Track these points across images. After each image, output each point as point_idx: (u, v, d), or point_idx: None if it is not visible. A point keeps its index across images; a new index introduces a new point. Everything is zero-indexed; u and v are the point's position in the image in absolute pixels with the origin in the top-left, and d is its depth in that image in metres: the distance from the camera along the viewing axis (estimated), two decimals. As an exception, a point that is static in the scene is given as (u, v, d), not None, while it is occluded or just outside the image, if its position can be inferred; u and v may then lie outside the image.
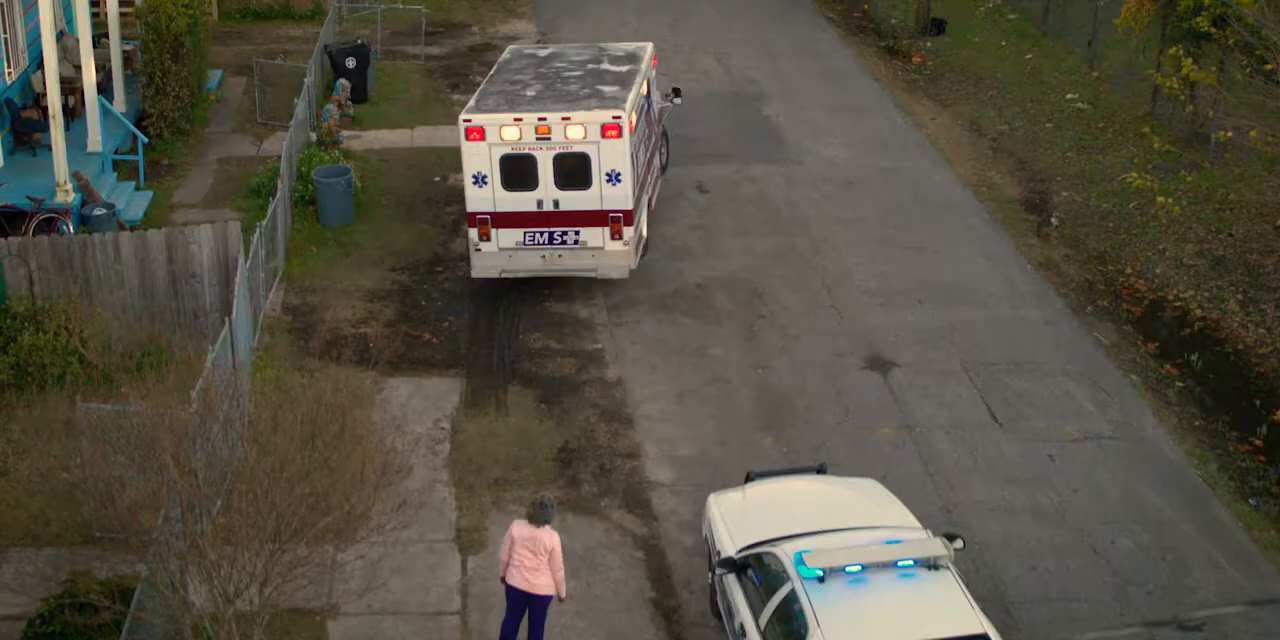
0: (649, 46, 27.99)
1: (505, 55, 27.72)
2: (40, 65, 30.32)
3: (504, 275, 24.50)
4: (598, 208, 23.99)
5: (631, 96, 24.63)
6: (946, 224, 28.07)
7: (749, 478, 18.36)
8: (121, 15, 31.69)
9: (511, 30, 39.39)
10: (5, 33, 29.22)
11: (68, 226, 26.16)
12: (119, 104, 30.97)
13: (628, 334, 23.84)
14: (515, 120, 23.64)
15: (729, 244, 26.89)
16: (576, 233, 24.13)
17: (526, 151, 23.70)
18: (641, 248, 25.38)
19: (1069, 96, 35.24)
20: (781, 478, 18.45)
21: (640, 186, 24.92)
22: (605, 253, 24.24)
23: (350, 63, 32.94)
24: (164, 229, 21.90)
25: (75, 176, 26.86)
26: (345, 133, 31.39)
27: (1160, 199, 25.94)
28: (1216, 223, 28.41)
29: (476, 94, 25.26)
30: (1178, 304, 25.69)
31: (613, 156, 23.64)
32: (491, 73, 26.60)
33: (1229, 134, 25.35)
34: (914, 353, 23.36)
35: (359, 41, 33.58)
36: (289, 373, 22.36)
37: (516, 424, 21.33)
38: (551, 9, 41.03)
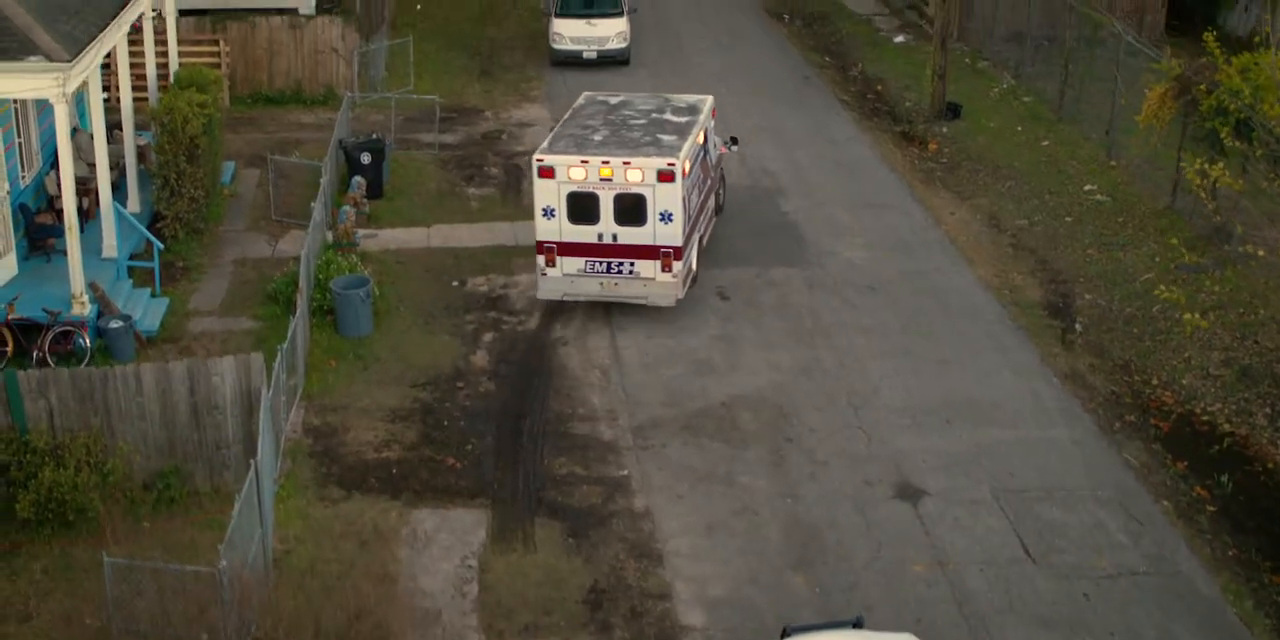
0: (709, 99, 30.68)
1: (579, 101, 30.56)
2: (53, 165, 30.21)
3: (565, 298, 27.76)
4: (651, 243, 26.93)
5: (687, 146, 27.43)
6: (971, 332, 27.82)
7: (785, 633, 18.05)
8: (135, 99, 31.43)
9: (525, 116, 39.21)
10: (20, 136, 29.05)
11: (84, 339, 25.94)
12: (133, 203, 30.77)
13: (654, 459, 23.55)
14: (582, 162, 26.80)
15: (752, 357, 26.62)
16: (631, 264, 27.11)
17: (590, 190, 26.82)
18: (690, 280, 28.22)
19: (1087, 188, 35.08)
20: (818, 633, 18.12)
21: (691, 226, 27.77)
22: (656, 283, 27.23)
23: (365, 158, 32.74)
24: (186, 361, 21.63)
25: (91, 287, 26.64)
26: (361, 232, 31.18)
27: (1187, 316, 25.68)
28: (1241, 329, 28.19)
29: (550, 135, 28.33)
30: (1205, 418, 25.43)
31: (666, 198, 26.61)
32: (566, 116, 29.46)
33: (1261, 253, 25.12)
34: (943, 479, 23.08)
35: (374, 136, 33.39)
36: (312, 504, 22.10)
37: (545, 561, 21.02)
38: (564, 93, 40.82)
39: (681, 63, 43.45)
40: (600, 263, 27.20)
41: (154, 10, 32.27)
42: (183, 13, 41.90)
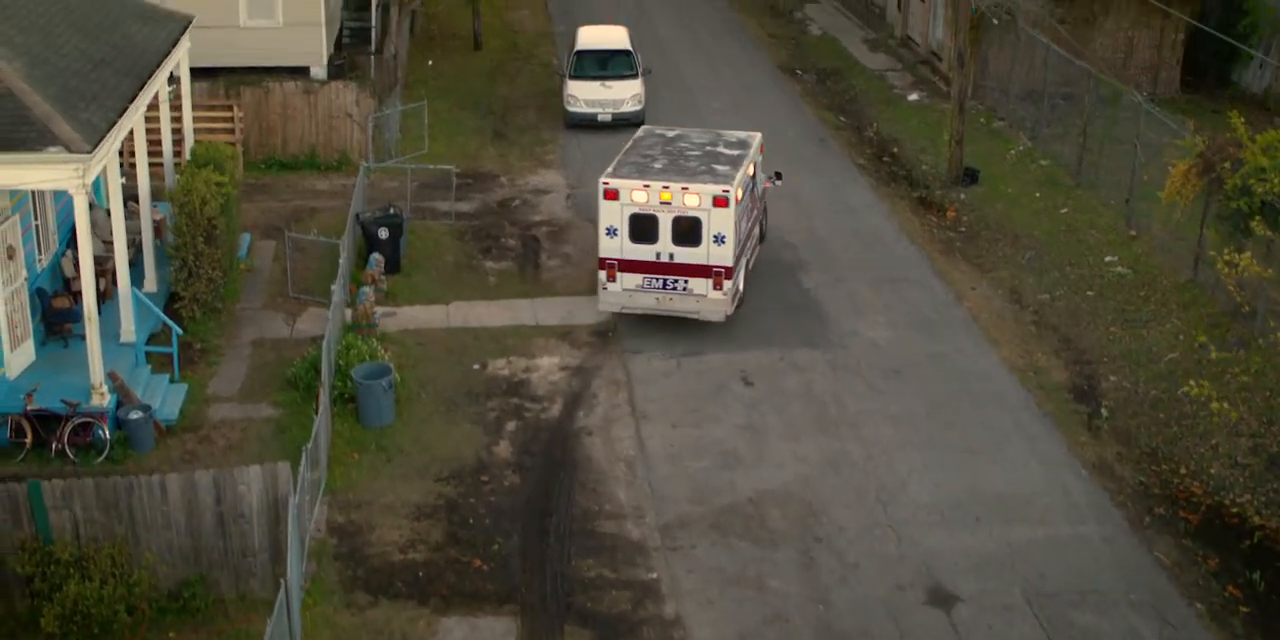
0: (758, 136, 33.02)
1: (639, 133, 32.93)
2: (69, 245, 30.01)
3: (624, 310, 30.19)
4: (705, 262, 29.42)
5: (739, 175, 29.92)
6: (997, 420, 27.58)
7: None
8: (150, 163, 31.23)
9: (541, 182, 39.00)
10: (37, 218, 28.85)
11: (104, 431, 25.69)
12: (150, 283, 30.55)
13: (683, 560, 23.29)
14: (644, 186, 29.29)
15: (779, 448, 26.37)
16: (686, 282, 29.56)
17: (651, 212, 29.34)
18: (737, 300, 30.51)
19: (1108, 259, 34.87)
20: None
21: (741, 249, 30.26)
22: (707, 300, 29.71)
23: (383, 234, 32.54)
24: (212, 471, 21.35)
25: (110, 376, 26.40)
26: (380, 310, 30.94)
27: (1215, 405, 25.44)
28: (1268, 413, 27.95)
29: (615, 163, 30.66)
30: (1234, 510, 25.21)
31: (720, 222, 29.14)
32: (628, 146, 31.84)
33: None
34: (975, 582, 22.83)
35: (391, 210, 33.16)
36: (339, 612, 21.84)
37: (576, 675, 20.73)
38: (579, 158, 40.70)
39: (697, 124, 43.12)
40: (657, 279, 29.62)
41: (170, 77, 32.06)
42: (194, 71, 41.81)
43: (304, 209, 36.58)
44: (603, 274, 29.82)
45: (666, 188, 29.21)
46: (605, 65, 43.42)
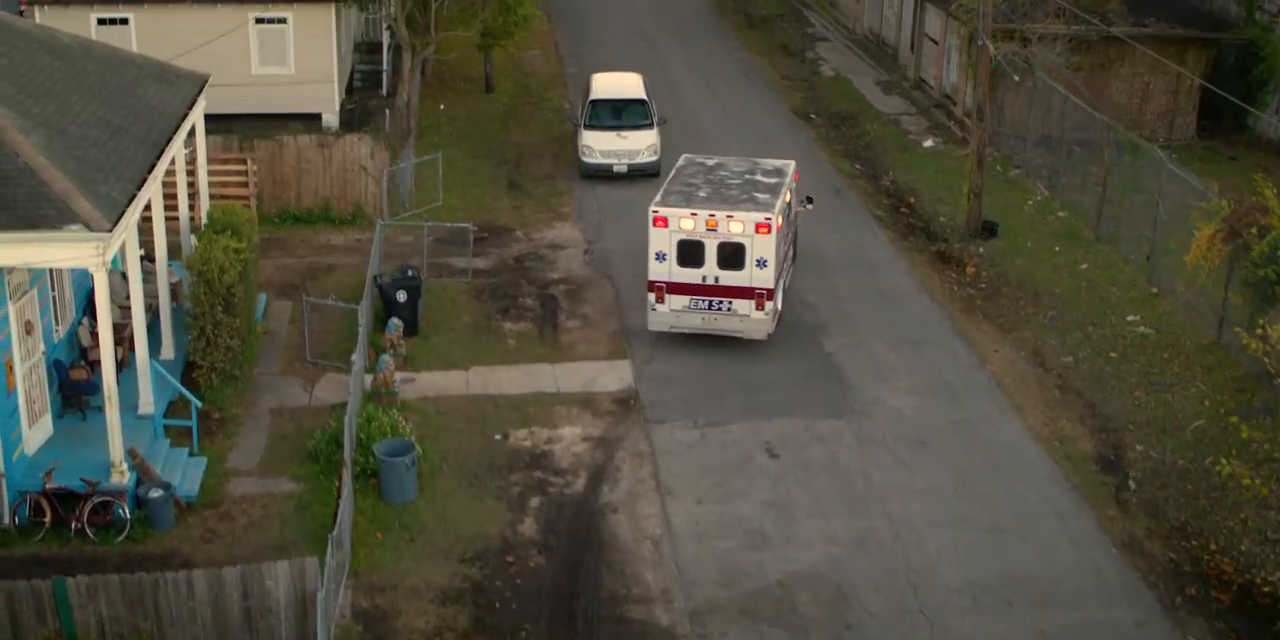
0: (792, 163, 34.91)
1: (680, 162, 34.71)
2: (85, 312, 29.75)
3: (672, 329, 32.01)
4: (748, 285, 31.29)
5: (779, 203, 31.74)
6: (1025, 495, 27.30)
7: None
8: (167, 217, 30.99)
9: (557, 236, 38.72)
10: (54, 289, 28.57)
11: (123, 510, 25.41)
12: (167, 349, 30.30)
13: (712, 650, 22.97)
14: (691, 214, 31.17)
15: (806, 527, 26.08)
16: (730, 303, 31.44)
17: (698, 238, 31.22)
18: (776, 319, 32.11)
19: (1130, 318, 34.62)
20: None
21: (780, 271, 31.93)
22: (750, 319, 31.57)
23: (401, 296, 32.27)
24: (239, 566, 21.06)
25: (130, 453, 26.11)
26: (399, 376, 30.64)
27: (1247, 481, 25.20)
28: (1297, 486, 27.64)
29: (661, 191, 32.49)
30: (1266, 589, 24.95)
31: (762, 247, 30.96)
32: (671, 175, 33.73)
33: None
34: (1010, 673, 22.51)
35: (409, 272, 32.87)
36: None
37: None
38: (595, 210, 40.47)
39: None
40: (703, 301, 31.47)
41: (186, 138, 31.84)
42: (206, 118, 41.58)
43: (319, 266, 36.29)
44: (651, 296, 31.68)
45: (713, 215, 31.07)
46: (620, 114, 43.15)
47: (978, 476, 27.82)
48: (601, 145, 42.15)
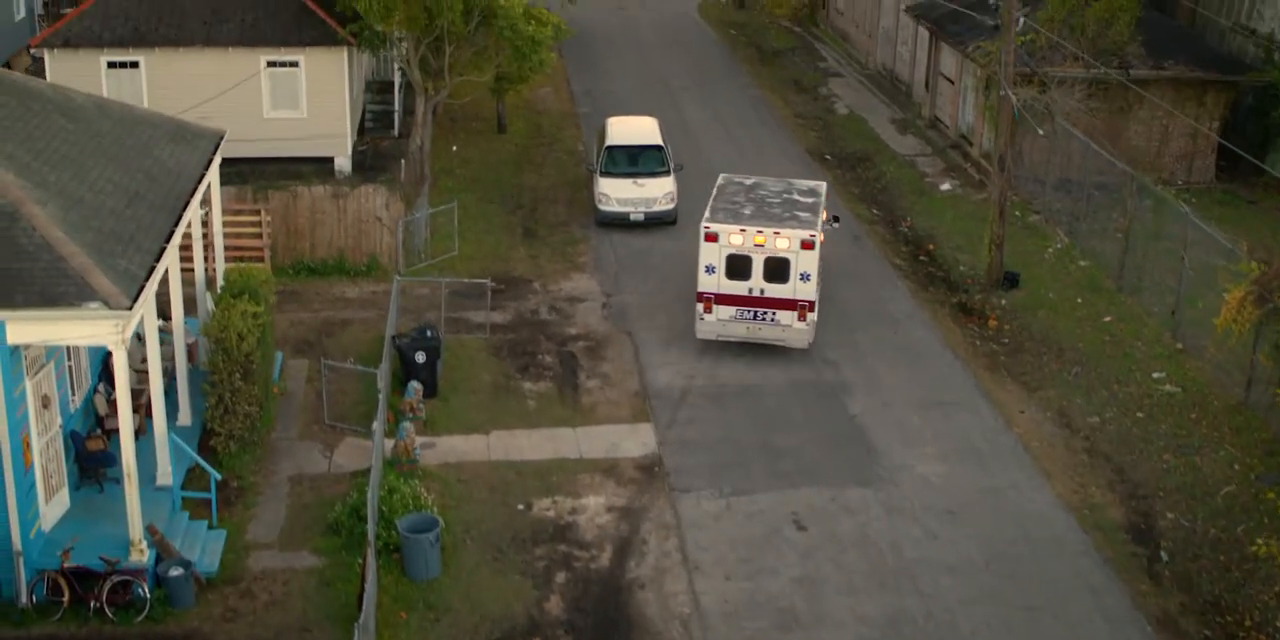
0: (824, 185, 37.31)
1: (720, 181, 36.78)
2: (101, 378, 29.35)
3: (719, 338, 34.04)
4: (792, 297, 33.41)
5: (820, 221, 33.92)
6: (1057, 569, 26.89)
7: None
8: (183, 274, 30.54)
9: (574, 289, 38.29)
10: (70, 359, 28.17)
11: (143, 589, 25.00)
12: (183, 415, 29.91)
13: (745, 741, 22.51)
14: (741, 230, 33.23)
15: (837, 605, 25.64)
16: (774, 314, 33.50)
17: (746, 253, 33.26)
18: (814, 329, 34.13)
19: (1156, 376, 34.21)
20: None
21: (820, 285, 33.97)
22: (792, 329, 33.65)
23: (420, 358, 31.87)
24: (266, 664, 20.59)
25: (149, 529, 25.68)
26: (420, 440, 30.23)
27: (1283, 559, 24.85)
28: (1331, 558, 27.24)
29: (709, 209, 34.39)
30: (1304, 667, 24.49)
31: (806, 262, 33.14)
32: (715, 194, 35.60)
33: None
34: (1050, 766, 22.05)
35: (428, 333, 32.44)
36: None
37: None
38: (611, 261, 40.06)
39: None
40: (749, 311, 33.46)
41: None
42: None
43: (335, 321, 35.88)
44: (700, 306, 33.66)
45: (760, 232, 33.10)
46: (636, 161, 42.75)
47: (1009, 549, 27.39)
48: (618, 193, 41.72)
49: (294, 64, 42.65)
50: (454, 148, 48.46)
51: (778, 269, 33.20)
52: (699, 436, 31.00)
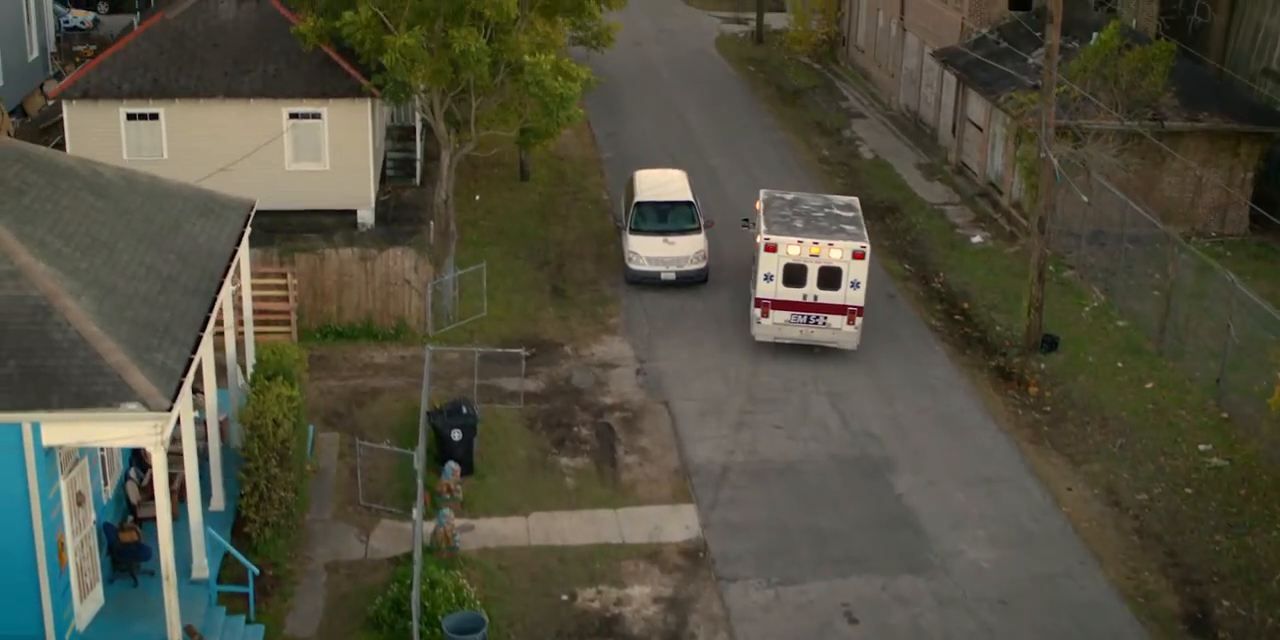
0: (856, 200, 40.33)
1: (763, 196, 39.72)
2: (132, 463, 28.71)
3: (776, 340, 36.92)
4: (842, 303, 36.25)
5: (865, 233, 36.97)
6: (1117, 666, 26.20)
7: None
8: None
9: (607, 353, 37.62)
10: (102, 449, 27.47)
11: (182, 694, 24.27)
12: (216, 500, 29.23)
13: None
14: (798, 242, 36.10)
15: (894, 709, 24.94)
16: (826, 318, 36.40)
17: (802, 262, 36.09)
18: (860, 332, 36.74)
19: (1203, 448, 33.59)
20: None
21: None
22: (842, 332, 36.57)
23: (456, 435, 31.23)
24: None
25: (187, 631, 24.99)
26: (458, 522, 29.57)
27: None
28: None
29: (764, 222, 37.26)
30: None
31: (857, 271, 36.07)
32: (763, 209, 38.40)
33: None
34: None
35: (464, 409, 31.76)
36: None
37: None
38: (643, 322, 39.40)
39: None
40: (803, 316, 36.29)
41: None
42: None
43: (364, 390, 35.21)
44: (758, 311, 36.60)
45: (816, 243, 35.89)
46: (666, 217, 42.08)
47: (1066, 644, 26.74)
48: (649, 251, 41.03)
49: (316, 116, 42.00)
50: (477, 197, 47.82)
51: (831, 277, 35.93)
52: (743, 519, 30.33)
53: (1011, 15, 50.97)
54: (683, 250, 41.08)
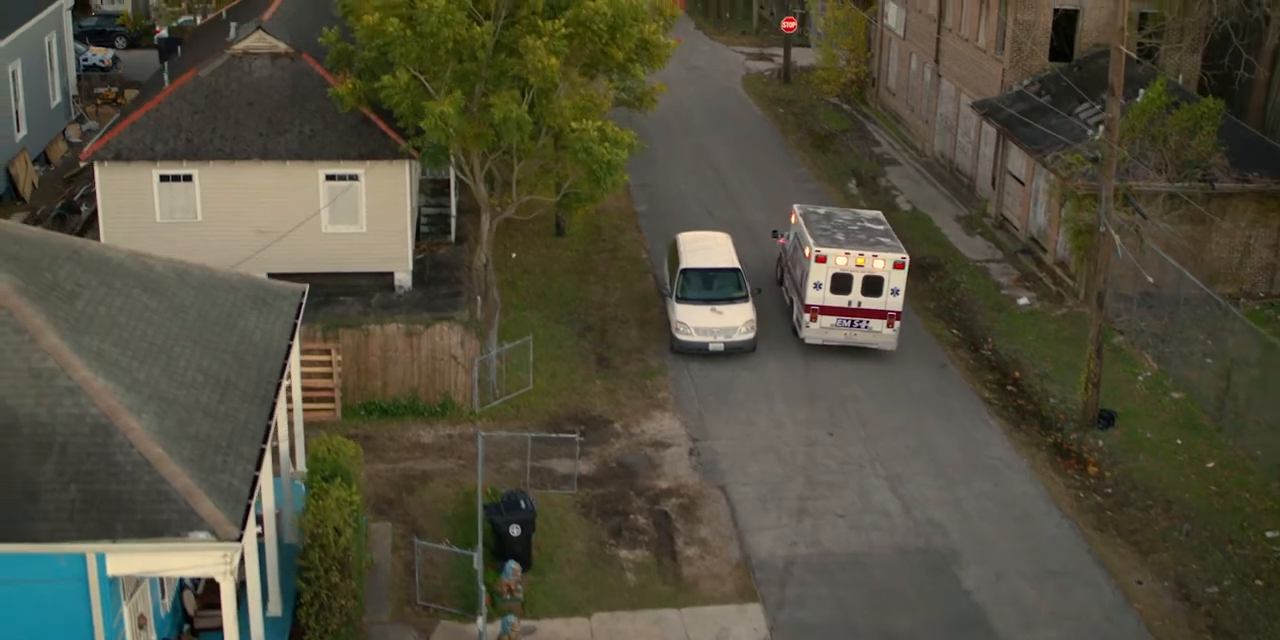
0: (880, 213, 44.53)
1: (799, 210, 43.60)
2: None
3: (824, 342, 40.41)
4: (883, 308, 39.91)
5: (900, 244, 40.83)
6: None
7: None
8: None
9: (658, 431, 36.91)
10: (162, 560, 26.73)
11: None
12: (274, 605, 28.58)
13: None
14: (845, 253, 39.70)
15: None
16: (868, 323, 40.02)
17: (848, 272, 39.67)
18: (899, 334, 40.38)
19: (1270, 535, 32.95)
20: None
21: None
22: (882, 335, 40.13)
23: (514, 531, 30.53)
24: None
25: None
26: (520, 624, 28.85)
27: None
28: None
29: (811, 236, 40.74)
30: None
31: (896, 279, 39.72)
32: (805, 223, 42.00)
33: None
34: None
35: (521, 503, 31.05)
36: None
37: None
38: (692, 396, 38.69)
39: (806, 346, 41.27)
40: (848, 320, 39.98)
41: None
42: (274, 276, 39.99)
43: (414, 474, 34.51)
44: (807, 316, 40.12)
45: (862, 255, 39.51)
46: (712, 284, 41.37)
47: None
48: (696, 321, 40.29)
49: (354, 177, 41.38)
50: (513, 255, 47.12)
51: (874, 285, 39.45)
52: (812, 620, 29.64)
53: (1052, 66, 50.25)
54: (731, 320, 40.37)
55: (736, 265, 41.92)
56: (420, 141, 39.57)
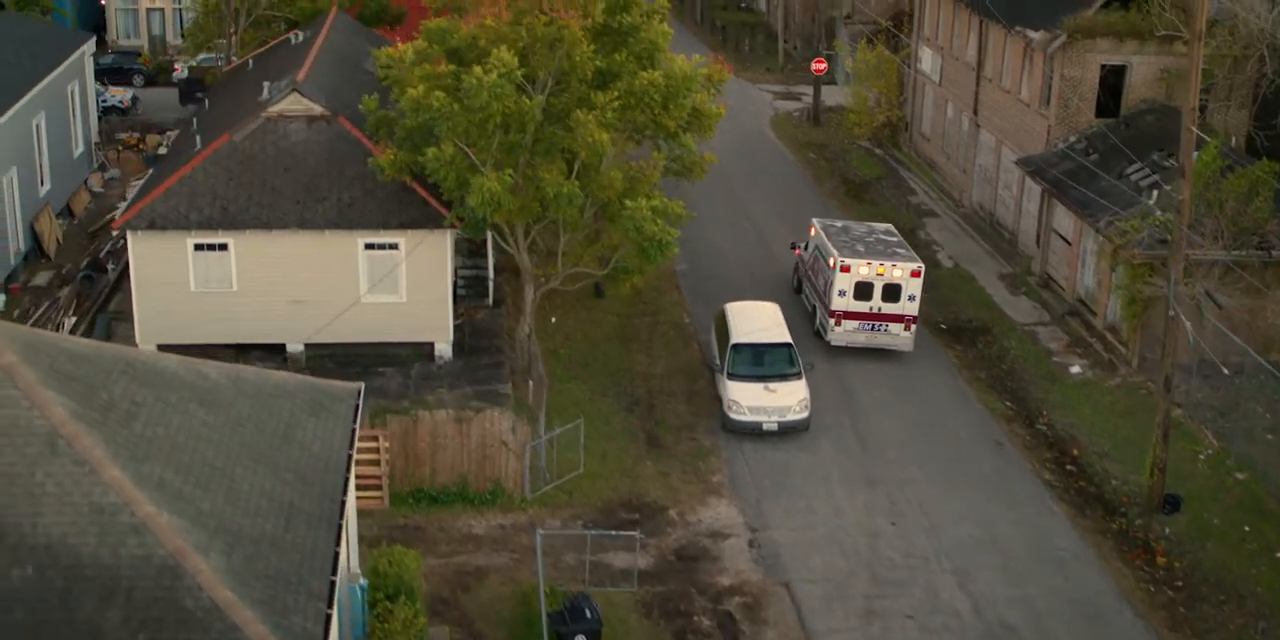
0: (891, 226, 48.64)
1: (819, 223, 47.01)
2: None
3: (847, 344, 43.77)
4: (901, 313, 43.46)
5: (914, 254, 44.83)
6: None
7: None
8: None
9: (715, 520, 36.02)
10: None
11: None
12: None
13: None
14: (867, 263, 43.15)
15: None
16: (887, 326, 43.58)
17: (870, 280, 43.15)
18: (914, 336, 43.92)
19: (1349, 633, 32.03)
20: None
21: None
22: (900, 337, 43.63)
23: (580, 641, 29.60)
24: None
25: None
26: (587, 745, 28.02)
27: None
28: None
29: (835, 247, 44.18)
30: None
31: (914, 286, 43.24)
32: (825, 235, 45.54)
33: None
34: None
35: (585, 611, 30.22)
36: None
37: None
38: (748, 480, 37.81)
39: (861, 423, 40.44)
40: (869, 324, 43.54)
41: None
42: (311, 346, 39.32)
43: (467, 570, 33.61)
44: (832, 321, 43.55)
45: (882, 265, 43.11)
46: (764, 360, 40.47)
47: None
48: (749, 401, 39.35)
49: (393, 246, 40.55)
50: (553, 320, 46.22)
51: (893, 292, 42.98)
52: (889, 740, 28.74)
53: (1098, 123, 49.38)
54: (785, 399, 39.46)
55: (789, 340, 41.06)
56: (464, 212, 38.68)
